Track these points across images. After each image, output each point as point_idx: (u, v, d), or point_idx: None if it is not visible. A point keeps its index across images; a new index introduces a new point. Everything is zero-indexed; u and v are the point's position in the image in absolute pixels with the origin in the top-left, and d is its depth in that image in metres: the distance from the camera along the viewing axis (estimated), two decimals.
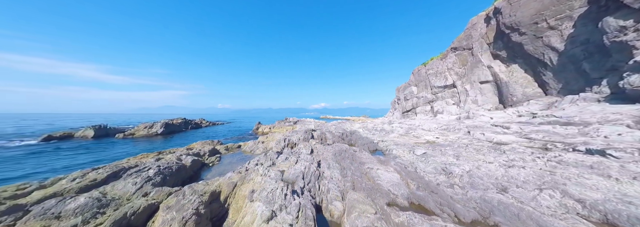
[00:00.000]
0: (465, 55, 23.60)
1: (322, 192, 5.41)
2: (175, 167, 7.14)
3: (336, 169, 6.79)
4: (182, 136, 26.33)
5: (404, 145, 10.83)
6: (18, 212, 3.94)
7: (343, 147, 9.79)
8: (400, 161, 7.87)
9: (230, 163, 9.91)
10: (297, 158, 7.92)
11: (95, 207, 4.29)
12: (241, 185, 5.72)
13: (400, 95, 30.99)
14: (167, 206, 4.43)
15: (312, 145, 11.34)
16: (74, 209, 4.12)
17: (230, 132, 30.93)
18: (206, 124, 44.97)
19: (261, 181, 5.77)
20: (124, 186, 5.37)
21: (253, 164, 7.50)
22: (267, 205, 3.94)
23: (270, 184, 5.07)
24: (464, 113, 19.31)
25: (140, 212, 4.27)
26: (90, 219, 3.93)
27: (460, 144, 9.57)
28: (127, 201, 4.82)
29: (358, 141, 13.35)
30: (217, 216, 4.61)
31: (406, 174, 6.52)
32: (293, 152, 9.46)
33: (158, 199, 4.79)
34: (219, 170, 8.72)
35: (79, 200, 4.33)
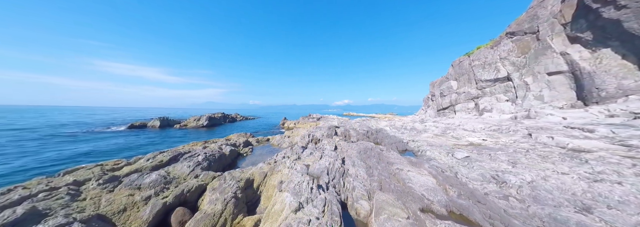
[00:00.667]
0: (527, 41, 18.90)
1: (347, 190, 5.34)
2: (217, 155, 8.24)
3: (361, 167, 6.57)
4: (222, 128, 30.21)
5: (440, 146, 9.63)
6: (115, 182, 5.25)
7: (368, 146, 9.39)
8: (436, 164, 7.04)
9: (261, 154, 10.83)
10: (321, 154, 8.01)
11: (162, 183, 5.33)
12: (271, 175, 6.16)
13: (435, 91, 27.51)
14: (213, 187, 5.15)
15: (335, 142, 11.28)
16: (149, 183, 5.22)
17: (260, 126, 33.77)
18: (240, 118, 50.23)
19: (288, 173, 6.08)
20: (181, 168, 6.50)
21: (281, 157, 7.98)
22: (294, 196, 4.13)
23: (296, 176, 5.29)
24: (523, 111, 15.79)
25: (193, 190, 5.10)
26: (159, 192, 4.91)
27: (518, 149, 7.90)
28: (183, 180, 5.84)
29: (384, 139, 12.59)
30: (251, 201, 5.12)
31: (444, 178, 5.79)
32: (317, 148, 9.62)
33: (206, 181, 5.62)
34: (252, 160, 9.64)
35: (152, 176, 5.47)
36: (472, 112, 21.51)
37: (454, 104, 23.71)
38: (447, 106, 24.50)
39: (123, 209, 4.11)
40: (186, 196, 4.93)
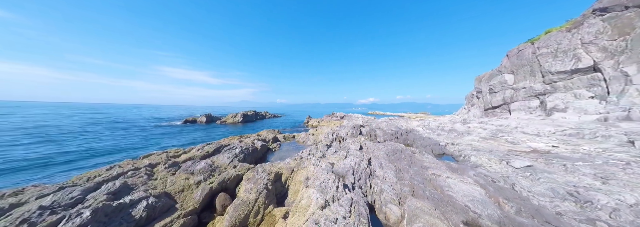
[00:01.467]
0: (630, 18, 13.74)
1: (374, 192, 5.09)
2: (251, 149, 9.11)
3: (390, 169, 6.14)
4: (253, 124, 33.29)
5: (490, 152, 8.14)
6: (176, 167, 6.41)
7: (397, 147, 8.71)
8: (485, 172, 5.98)
9: (288, 150, 11.43)
10: (346, 153, 7.88)
11: (209, 170, 6.23)
12: (297, 171, 6.43)
13: (482, 87, 23.27)
14: (247, 178, 5.72)
15: (360, 141, 10.90)
16: (199, 170, 6.19)
17: (286, 124, 35.70)
18: (269, 116, 54.16)
19: (314, 170, 6.21)
20: (223, 158, 7.45)
21: (306, 154, 8.23)
22: (320, 193, 4.19)
23: (322, 174, 5.35)
24: (619, 111, 11.79)
25: (232, 179, 5.79)
26: (206, 177, 5.76)
27: (611, 160, 5.97)
28: (224, 169, 6.68)
29: (417, 141, 11.45)
30: (280, 193, 5.46)
31: (496, 190, 4.87)
32: (341, 147, 9.51)
33: (242, 172, 6.29)
34: (280, 155, 10.28)
35: (201, 164, 6.45)
36: (535, 112, 17.32)
37: (508, 102, 19.58)
38: (498, 105, 20.44)
39: (182, 190, 4.99)
40: (227, 183, 5.63)
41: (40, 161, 9.22)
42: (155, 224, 3.62)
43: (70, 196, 3.77)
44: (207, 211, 4.68)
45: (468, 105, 26.18)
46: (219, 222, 3.85)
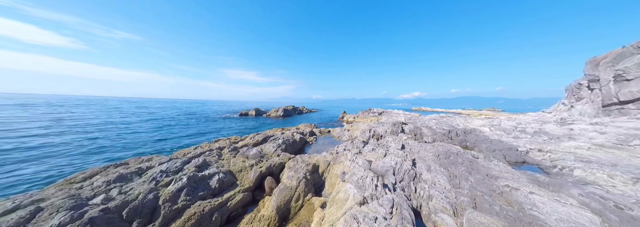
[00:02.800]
0: None
1: (419, 196, 4.54)
2: (291, 141, 9.96)
3: (441, 174, 5.27)
4: (292, 118, 36.18)
5: (614, 165, 5.57)
6: (235, 151, 7.86)
7: (452, 149, 7.31)
8: (602, 194, 4.17)
9: (323, 144, 11.79)
10: (385, 151, 7.32)
11: (259, 156, 7.29)
12: (333, 164, 6.55)
13: (601, 74, 15.73)
14: (289, 166, 6.32)
15: (402, 140, 9.84)
16: (252, 155, 7.34)
17: (322, 118, 36.77)
18: (306, 110, 57.17)
19: (350, 165, 6.14)
20: (269, 147, 8.52)
21: (342, 149, 8.22)
22: (358, 190, 4.11)
23: (359, 170, 5.21)
24: None
25: (276, 165, 6.56)
26: (257, 162, 6.77)
27: None
28: (270, 156, 7.65)
29: (480, 143, 9.24)
30: (317, 184, 5.76)
31: (623, 220, 3.31)
32: (380, 145, 8.90)
33: (284, 160, 7.01)
34: (316, 148, 10.76)
35: (253, 150, 7.62)
36: None
37: None
38: (632, 98, 13.37)
39: (240, 170, 6.09)
40: (273, 168, 6.43)
41: (160, 139, 13.57)
42: (224, 194, 4.60)
43: (175, 165, 5.31)
44: (259, 190, 5.54)
45: (570, 100, 18.60)
46: (268, 202, 4.48)
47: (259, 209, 4.33)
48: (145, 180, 4.37)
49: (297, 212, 4.21)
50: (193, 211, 3.76)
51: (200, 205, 3.97)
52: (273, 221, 3.77)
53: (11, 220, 2.80)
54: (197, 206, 3.94)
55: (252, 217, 3.83)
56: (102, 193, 3.77)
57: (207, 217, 3.78)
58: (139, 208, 3.44)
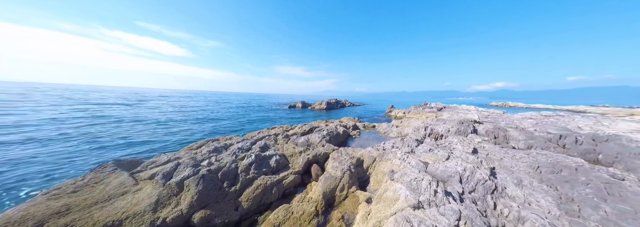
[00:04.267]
0: None
1: (501, 215, 3.55)
2: (334, 133, 10.21)
3: (542, 193, 3.83)
4: (335, 111, 36.69)
5: None
6: (287, 138, 8.98)
7: (565, 162, 5.06)
8: None
9: (367, 139, 11.31)
10: (448, 153, 6.09)
11: (306, 144, 7.99)
12: (379, 161, 6.19)
13: None
14: (333, 157, 6.56)
15: (474, 142, 7.80)
16: (300, 143, 8.14)
17: (365, 113, 35.14)
18: (348, 104, 56.20)
19: (399, 164, 5.60)
20: (315, 137, 9.13)
21: (389, 146, 7.58)
22: (411, 192, 3.72)
23: (411, 171, 4.66)
24: None
25: (322, 155, 6.97)
26: (305, 150, 7.46)
27: None
28: (316, 146, 8.20)
29: (629, 159, 5.88)
30: (362, 178, 5.69)
31: None
32: (440, 145, 7.48)
33: (329, 151, 7.34)
34: (359, 142, 10.50)
35: (301, 139, 8.42)
36: None
37: None
38: None
39: (291, 155, 6.94)
40: (318, 157, 6.89)
41: (236, 125, 17.80)
42: (280, 174, 5.44)
43: (246, 144, 6.74)
44: (306, 174, 6.16)
45: None
46: (315, 187, 4.91)
47: (307, 192, 4.84)
48: (229, 153, 5.83)
49: (341, 201, 4.39)
50: (260, 182, 4.71)
51: (264, 179, 4.91)
52: (320, 205, 4.12)
53: (167, 167, 4.56)
54: (262, 179, 4.89)
55: (302, 197, 4.34)
56: (206, 159, 5.38)
57: (268, 190, 4.65)
58: (227, 173, 4.66)
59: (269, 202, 4.46)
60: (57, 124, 13.15)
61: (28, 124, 12.37)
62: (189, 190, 3.85)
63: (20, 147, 8.63)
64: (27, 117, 14.47)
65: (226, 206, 3.97)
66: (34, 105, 21.16)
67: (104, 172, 4.19)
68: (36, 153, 8.09)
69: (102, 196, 3.52)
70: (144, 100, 39.00)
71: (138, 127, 14.20)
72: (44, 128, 11.89)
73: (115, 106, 25.85)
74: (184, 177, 4.09)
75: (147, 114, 20.82)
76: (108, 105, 26.77)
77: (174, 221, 3.35)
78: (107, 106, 25.36)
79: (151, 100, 40.69)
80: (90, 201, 3.38)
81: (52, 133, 10.99)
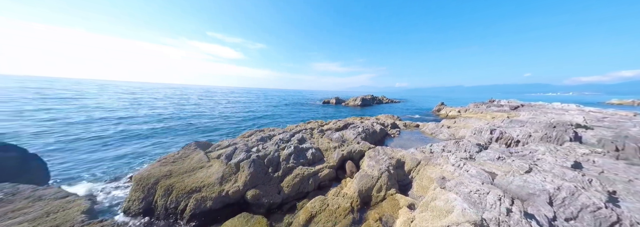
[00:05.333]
0: None
1: None
2: (371, 130, 9.68)
3: None
4: (371, 108, 34.74)
5: None
6: (322, 133, 9.21)
7: None
8: None
9: (409, 139, 10.15)
10: (529, 165, 4.66)
11: (340, 141, 7.96)
12: (425, 165, 5.45)
13: None
14: (369, 155, 6.26)
15: (577, 154, 5.62)
16: (334, 138, 8.19)
17: (406, 110, 31.59)
18: (386, 100, 51.89)
19: (453, 171, 4.75)
20: (349, 134, 8.97)
21: (439, 149, 6.52)
22: (470, 205, 3.09)
23: (470, 181, 3.86)
24: None
25: (356, 152, 6.79)
26: (339, 146, 7.46)
27: None
28: (351, 142, 8.06)
29: None
30: (402, 181, 5.20)
31: None
32: (515, 154, 5.82)
33: (364, 149, 7.06)
34: (399, 142, 9.56)
35: (336, 134, 8.45)
36: None
37: None
38: None
39: (326, 149, 7.10)
40: (353, 154, 6.76)
41: (276, 118, 19.95)
42: (316, 166, 5.68)
43: (287, 136, 7.38)
44: (341, 170, 6.18)
45: None
46: (349, 183, 4.87)
47: (341, 187, 4.87)
48: (272, 143, 6.54)
49: (379, 202, 4.18)
50: (298, 172, 5.09)
51: (302, 169, 5.26)
52: (355, 202, 4.07)
53: (228, 150, 5.59)
54: (300, 169, 5.26)
55: (337, 192, 4.40)
56: (255, 146, 6.24)
57: (306, 180, 4.96)
58: (271, 160, 5.27)
59: (306, 192, 4.78)
60: (155, 115, 18.44)
61: (141, 114, 17.77)
62: (244, 171, 4.59)
63: (142, 129, 12.64)
64: (139, 111, 20.85)
65: (271, 189, 4.52)
66: (147, 99, 30.43)
67: (189, 150, 5.56)
68: (152, 132, 11.77)
69: (189, 167, 4.70)
70: (212, 96, 48.89)
71: (208, 116, 18.60)
72: (151, 116, 16.92)
73: (194, 100, 33.73)
74: (240, 160, 4.90)
75: (213, 106, 26.84)
76: (191, 99, 35.19)
77: (234, 194, 4.09)
78: (191, 100, 33.43)
79: (217, 96, 50.62)
80: (182, 170, 4.58)
81: (158, 119, 15.64)
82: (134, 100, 27.89)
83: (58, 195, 3.07)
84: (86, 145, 9.05)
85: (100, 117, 14.90)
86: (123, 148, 9.11)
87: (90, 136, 10.19)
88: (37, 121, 12.23)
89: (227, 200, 4.05)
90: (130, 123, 13.72)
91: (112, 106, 20.48)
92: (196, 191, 3.98)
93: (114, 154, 8.31)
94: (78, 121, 12.99)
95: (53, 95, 25.77)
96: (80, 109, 17.30)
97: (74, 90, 36.29)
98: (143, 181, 4.18)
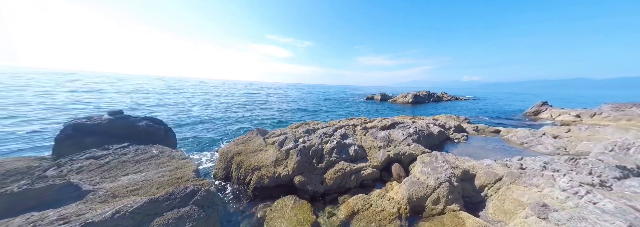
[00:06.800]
0: None
1: None
2: (425, 132, 8.29)
3: None
4: (425, 107, 29.64)
5: None
6: (366, 130, 8.77)
7: None
8: None
9: (482, 148, 7.95)
10: None
11: (386, 140, 7.30)
12: (510, 183, 4.11)
13: None
14: (423, 161, 5.41)
15: None
16: (379, 137, 7.61)
17: (479, 111, 24.84)
18: (447, 98, 42.72)
19: (564, 200, 3.33)
20: (397, 134, 8.07)
21: (537, 165, 4.71)
22: None
23: (603, 220, 2.56)
24: None
25: (406, 155, 6.03)
26: (385, 145, 6.87)
27: None
28: (399, 144, 7.24)
29: None
30: (471, 199, 4.19)
31: None
32: None
33: (416, 152, 6.16)
34: (466, 150, 7.68)
35: (382, 133, 7.82)
36: None
37: None
38: None
39: (370, 148, 6.74)
40: (401, 156, 6.06)
41: (319, 113, 20.92)
42: (358, 163, 5.53)
43: (330, 130, 7.56)
44: (385, 172, 5.73)
45: None
46: (396, 187, 4.42)
47: (387, 190, 4.51)
48: (317, 135, 6.90)
49: (434, 215, 3.58)
50: (340, 166, 5.14)
51: (344, 164, 5.27)
52: (403, 209, 3.67)
53: (280, 139, 6.40)
54: (342, 164, 5.29)
55: (382, 194, 4.12)
56: (302, 137, 6.79)
57: (348, 175, 4.95)
58: (316, 152, 5.59)
59: (347, 187, 4.78)
60: (227, 106, 23.46)
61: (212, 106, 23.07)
62: (292, 158, 5.12)
63: (223, 116, 16.65)
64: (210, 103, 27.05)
65: (315, 178, 4.83)
66: (220, 93, 39.21)
67: (252, 135, 6.80)
68: (229, 117, 15.41)
69: (252, 149, 5.77)
70: (270, 91, 57.27)
71: (263, 108, 22.11)
72: (223, 107, 21.82)
73: (258, 95, 40.68)
74: (289, 148, 5.49)
75: (266, 99, 31.46)
76: (256, 95, 42.67)
77: (284, 177, 4.68)
78: (256, 95, 40.67)
79: (273, 91, 58.89)
80: (248, 150, 5.68)
81: (233, 110, 20.13)
82: (218, 93, 37.24)
83: (182, 156, 4.55)
84: (191, 125, 13.12)
85: (195, 103, 21.12)
86: (211, 128, 12.55)
87: (191, 120, 14.60)
88: (165, 108, 18.72)
89: (279, 181, 4.69)
90: (222, 110, 18.78)
91: (203, 98, 28.29)
92: (257, 169, 4.84)
93: (207, 133, 11.60)
94: (186, 109, 18.80)
95: (174, 91, 38.17)
96: (186, 100, 24.93)
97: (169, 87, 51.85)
98: (224, 155, 5.52)
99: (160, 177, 3.68)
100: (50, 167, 3.83)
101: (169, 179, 3.64)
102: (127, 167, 4.01)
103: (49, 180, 2.92)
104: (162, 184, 3.46)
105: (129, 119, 6.44)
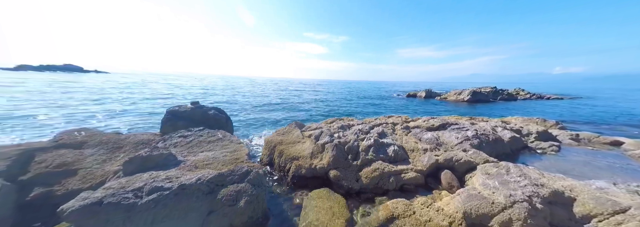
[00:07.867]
0: None
1: None
2: (491, 137, 6.68)
3: None
4: (488, 106, 23.82)
5: None
6: (407, 130, 7.88)
7: None
8: None
9: (588, 164, 5.72)
10: None
11: (435, 143, 6.34)
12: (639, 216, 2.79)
13: None
14: (487, 172, 4.39)
15: None
16: (425, 139, 6.68)
17: (579, 115, 18.03)
18: (523, 95, 32.87)
19: None
20: (449, 136, 6.86)
21: None
22: None
23: None
24: None
25: (461, 162, 5.06)
26: (432, 149, 5.99)
27: None
28: (451, 148, 6.16)
29: None
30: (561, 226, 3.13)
31: None
32: None
33: (476, 161, 5.07)
34: (557, 165, 5.72)
35: (428, 134, 6.84)
36: None
37: None
38: None
39: (412, 150, 6.04)
40: (454, 163, 5.14)
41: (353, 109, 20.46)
42: (398, 166, 5.07)
43: (366, 128, 7.24)
44: (432, 178, 5.03)
45: None
46: (448, 198, 3.80)
47: (434, 199, 3.96)
48: (352, 132, 6.75)
49: None
50: (377, 166, 4.86)
51: (381, 164, 4.95)
52: (457, 224, 3.14)
53: (316, 132, 6.63)
54: (379, 163, 4.99)
55: (428, 203, 3.64)
56: (336, 133, 6.79)
57: (386, 176, 4.63)
58: (351, 148, 5.48)
59: (385, 189, 4.49)
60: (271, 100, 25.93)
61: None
62: (328, 152, 5.22)
63: (300, 107, 18.80)
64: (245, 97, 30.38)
65: (350, 175, 4.78)
66: (265, 89, 43.62)
67: (291, 127, 7.34)
68: (274, 108, 17.29)
69: (291, 140, 6.24)
70: (305, 87, 60.20)
71: (301, 101, 23.64)
72: (266, 100, 24.27)
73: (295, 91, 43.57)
74: (325, 142, 5.61)
75: (302, 95, 33.23)
76: (294, 90, 45.95)
77: (320, 169, 4.85)
78: (295, 91, 43.87)
79: (309, 87, 61.72)
80: (288, 141, 6.19)
81: (276, 104, 22.32)
82: (264, 88, 42.40)
83: (237, 141, 5.44)
84: (244, 113, 15.56)
85: (245, 93, 24.94)
86: (257, 117, 14.57)
87: (239, 108, 17.21)
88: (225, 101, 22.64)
89: (315, 172, 4.91)
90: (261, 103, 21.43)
91: (250, 90, 32.76)
92: (296, 159, 5.22)
93: (250, 122, 13.57)
94: (237, 101, 22.20)
95: (230, 87, 45.51)
96: (236, 93, 29.63)
97: (228, 84, 61.03)
98: (268, 143, 6.23)
99: (223, 156, 4.54)
100: (159, 141, 5.40)
101: (229, 159, 4.45)
102: (202, 146, 5.17)
103: (160, 150, 4.12)
104: (225, 162, 4.27)
105: (203, 108, 8.28)
